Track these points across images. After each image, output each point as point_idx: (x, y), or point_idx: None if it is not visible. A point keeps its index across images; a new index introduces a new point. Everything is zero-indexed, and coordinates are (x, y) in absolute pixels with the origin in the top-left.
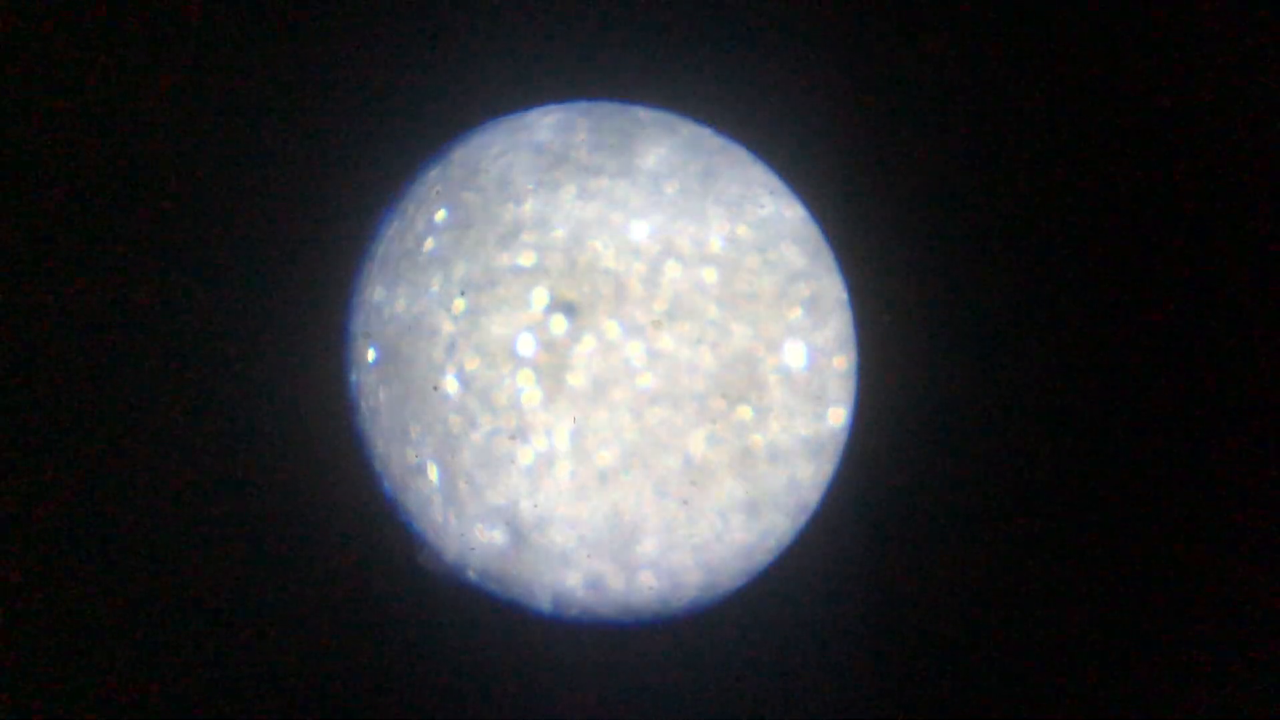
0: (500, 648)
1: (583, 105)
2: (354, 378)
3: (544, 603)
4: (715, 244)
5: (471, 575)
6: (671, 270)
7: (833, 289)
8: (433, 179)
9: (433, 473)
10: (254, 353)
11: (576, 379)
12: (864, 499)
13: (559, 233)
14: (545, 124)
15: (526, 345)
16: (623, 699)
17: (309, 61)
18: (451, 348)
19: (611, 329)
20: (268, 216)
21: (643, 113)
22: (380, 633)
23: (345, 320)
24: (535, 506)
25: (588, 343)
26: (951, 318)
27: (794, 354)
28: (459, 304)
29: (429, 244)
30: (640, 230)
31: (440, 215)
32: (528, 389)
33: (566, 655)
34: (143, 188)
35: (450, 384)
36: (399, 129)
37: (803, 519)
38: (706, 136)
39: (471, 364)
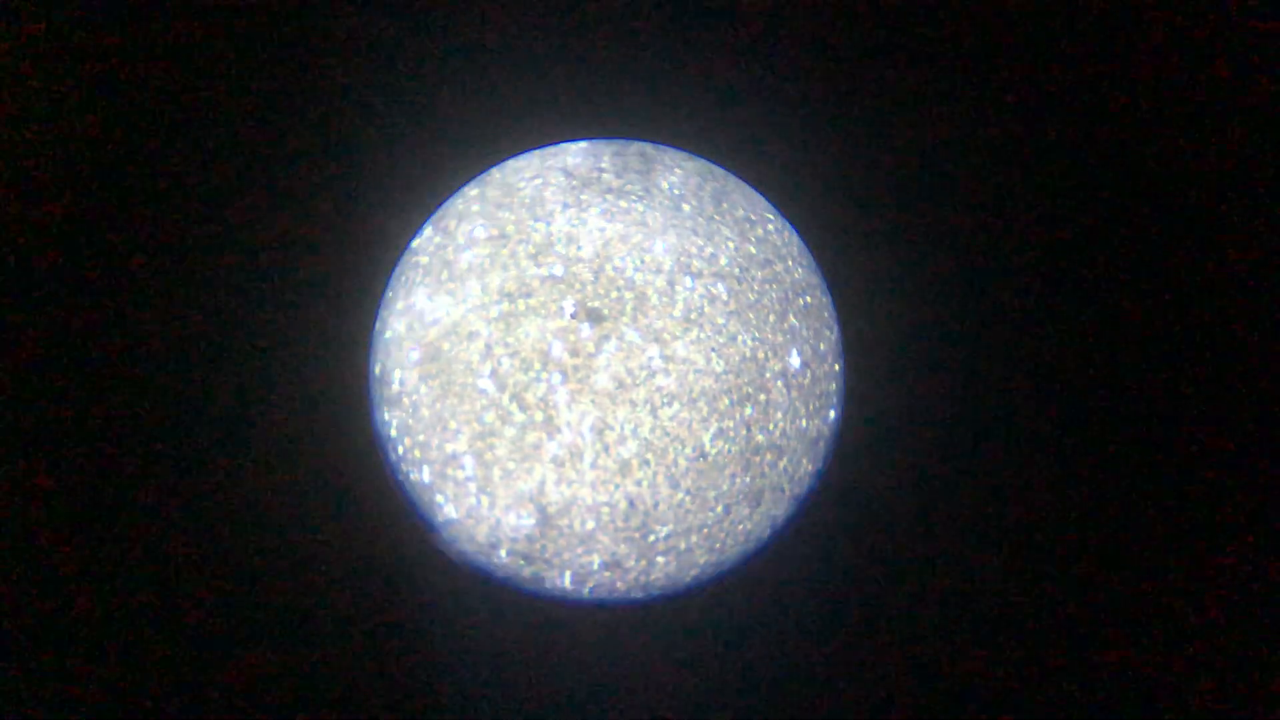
0: (518, 629)
1: (605, 140)
2: (397, 375)
3: (564, 580)
4: (724, 260)
5: (503, 554)
6: (686, 283)
7: (829, 300)
8: (471, 198)
9: (468, 462)
10: (302, 348)
11: (600, 379)
12: (854, 489)
13: (586, 248)
14: (574, 150)
15: (555, 349)
16: (630, 674)
17: (369, 97)
18: (487, 350)
19: (632, 335)
20: (323, 227)
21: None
22: (405, 618)
23: (384, 321)
24: (561, 494)
25: (610, 347)
26: (930, 326)
27: (793, 359)
28: (495, 311)
29: (468, 256)
30: (658, 247)
31: (479, 231)
32: (556, 388)
33: (581, 634)
34: (213, 201)
35: (486, 382)
36: (442, 154)
37: (799, 507)
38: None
39: (505, 365)
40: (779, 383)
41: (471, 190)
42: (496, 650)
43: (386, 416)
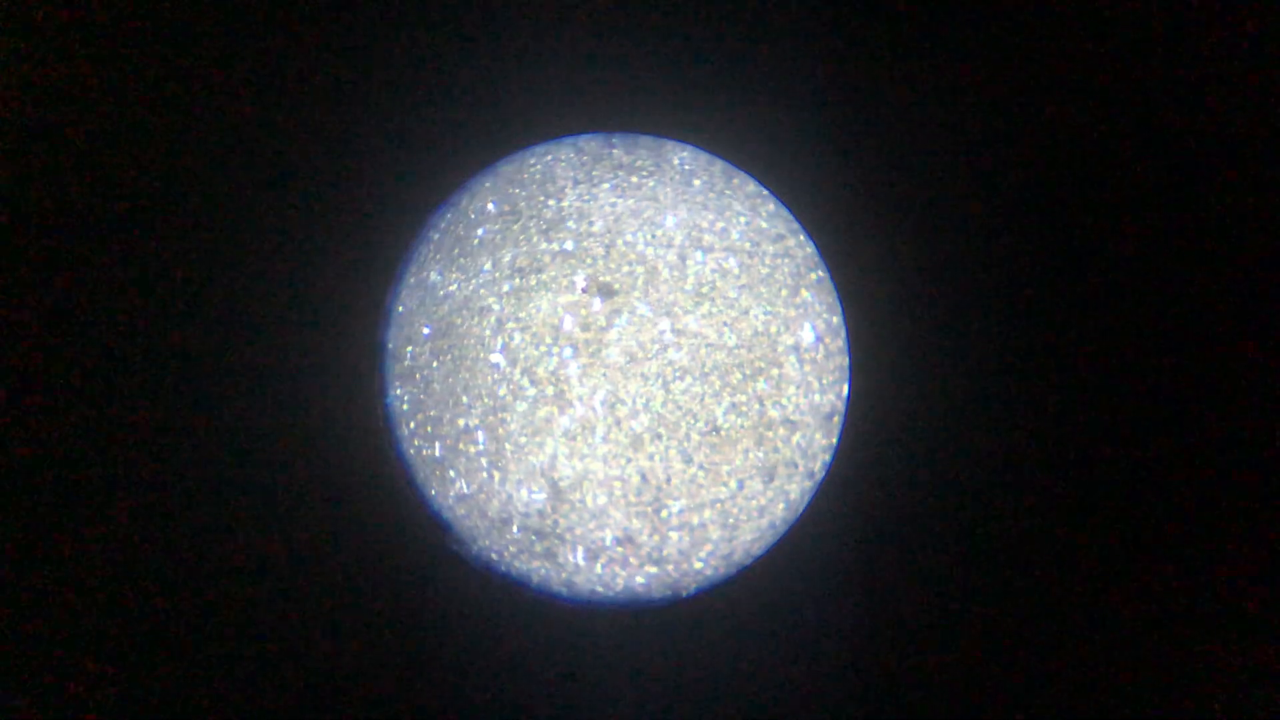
0: (526, 629)
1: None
2: (409, 350)
3: (577, 556)
4: (735, 234)
5: (514, 530)
6: (697, 257)
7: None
8: (482, 175)
9: (480, 436)
10: (318, 326)
11: (611, 354)
12: (867, 464)
13: (597, 223)
14: (579, 138)
15: (567, 323)
16: (646, 674)
17: (393, 88)
18: (499, 325)
19: (643, 309)
20: (341, 208)
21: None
22: (412, 616)
23: (397, 299)
24: (573, 468)
25: (621, 321)
26: (934, 306)
27: (806, 333)
28: (506, 286)
29: (480, 232)
30: (669, 222)
31: (490, 207)
32: (568, 362)
33: (592, 634)
34: (242, 180)
35: (497, 357)
36: (456, 141)
37: (813, 483)
38: None
39: (517, 339)
40: (792, 357)
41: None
42: (507, 648)
43: (398, 391)
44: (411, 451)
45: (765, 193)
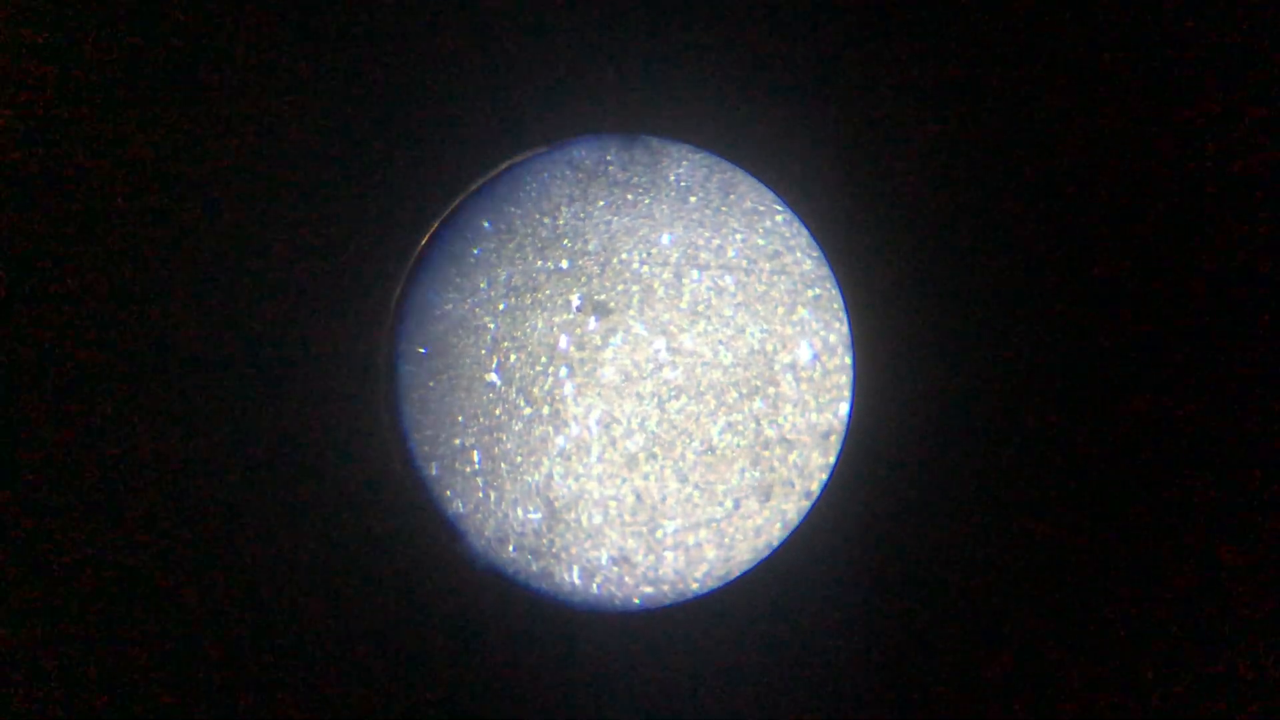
0: (528, 633)
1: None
2: (405, 369)
3: (573, 575)
4: (732, 252)
5: (510, 549)
6: (693, 275)
7: (839, 292)
8: (479, 193)
9: (475, 456)
10: (316, 344)
11: (606, 373)
12: (865, 484)
13: (592, 241)
14: (579, 142)
15: (562, 342)
16: (641, 683)
17: (385, 98)
18: (494, 344)
19: (638, 328)
20: (333, 224)
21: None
22: (416, 620)
23: (397, 317)
24: (568, 488)
25: (617, 340)
26: (943, 317)
27: (803, 351)
28: (501, 305)
29: (475, 250)
30: (665, 239)
31: (485, 225)
32: (563, 382)
33: (591, 639)
34: (224, 199)
35: (493, 376)
36: (452, 153)
37: (810, 502)
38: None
39: (512, 359)
40: (789, 375)
41: (479, 186)
42: (508, 651)
43: (395, 411)
44: (415, 472)
45: (763, 208)
